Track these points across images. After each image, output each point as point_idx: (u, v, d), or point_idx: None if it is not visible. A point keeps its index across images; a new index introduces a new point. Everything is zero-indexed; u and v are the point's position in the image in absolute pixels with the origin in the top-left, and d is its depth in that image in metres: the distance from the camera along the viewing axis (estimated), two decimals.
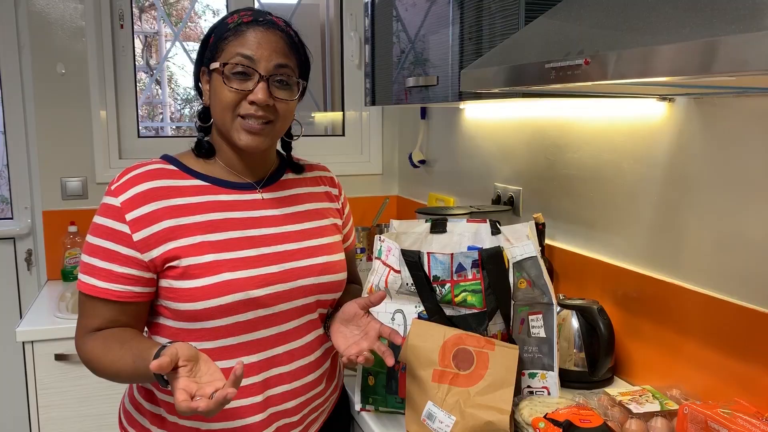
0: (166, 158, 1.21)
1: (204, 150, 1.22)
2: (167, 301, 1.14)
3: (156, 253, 1.11)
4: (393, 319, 1.34)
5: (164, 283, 1.13)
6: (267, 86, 1.14)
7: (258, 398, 1.17)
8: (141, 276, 1.12)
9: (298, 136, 1.32)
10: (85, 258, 1.13)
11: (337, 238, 1.32)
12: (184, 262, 1.11)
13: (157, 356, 1.00)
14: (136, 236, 1.11)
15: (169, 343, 1.03)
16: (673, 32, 0.76)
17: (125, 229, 1.11)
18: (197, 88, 1.26)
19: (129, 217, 1.11)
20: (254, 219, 1.20)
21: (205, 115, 1.24)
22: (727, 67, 0.66)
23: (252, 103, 1.13)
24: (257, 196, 1.23)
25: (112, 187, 1.14)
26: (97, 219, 1.14)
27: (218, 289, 1.11)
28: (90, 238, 1.14)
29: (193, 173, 1.20)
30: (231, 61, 1.13)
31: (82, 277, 1.14)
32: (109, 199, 1.13)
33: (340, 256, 1.29)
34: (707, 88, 1.11)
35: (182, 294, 1.12)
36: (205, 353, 1.13)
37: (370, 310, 1.24)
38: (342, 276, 1.28)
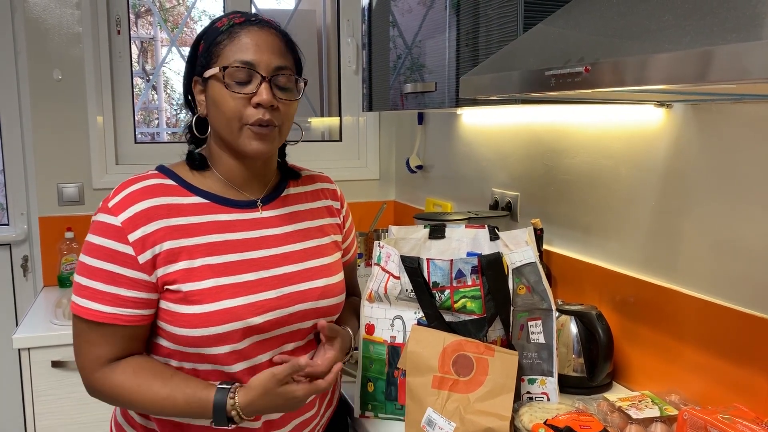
0: (162, 170, 1.16)
1: (196, 162, 1.18)
2: (163, 323, 1.10)
3: (160, 273, 1.08)
4: (392, 325, 1.34)
5: (162, 305, 1.10)
6: (270, 87, 1.10)
7: (257, 424, 1.15)
8: (149, 298, 1.08)
9: (297, 141, 1.28)
10: (84, 281, 1.07)
11: (337, 256, 1.29)
12: (184, 287, 1.08)
13: (221, 398, 1.05)
14: (141, 258, 1.06)
15: (228, 383, 1.08)
16: (673, 40, 0.77)
17: (129, 251, 1.06)
18: (187, 99, 1.20)
19: (132, 237, 1.06)
20: (254, 240, 1.16)
21: (200, 125, 1.19)
22: (726, 75, 0.66)
23: (257, 105, 1.09)
24: (257, 214, 1.19)
25: (110, 205, 1.08)
26: (95, 239, 1.07)
27: (217, 317, 1.08)
28: (88, 260, 1.07)
29: (192, 189, 1.15)
30: (231, 65, 1.09)
31: (81, 302, 1.07)
32: (106, 218, 1.07)
33: (339, 277, 1.27)
34: (705, 94, 1.12)
35: (180, 319, 1.08)
36: (204, 375, 1.12)
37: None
38: (340, 299, 1.26)
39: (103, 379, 1.09)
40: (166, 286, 1.09)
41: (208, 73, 1.12)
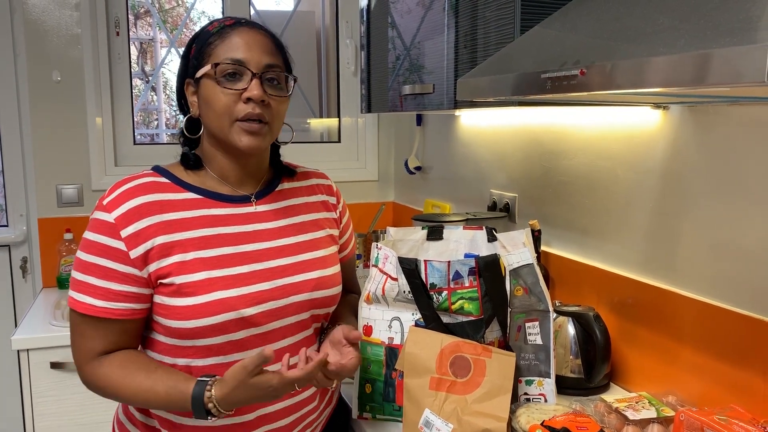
0: (158, 170, 1.19)
1: (191, 162, 1.20)
2: (159, 317, 1.13)
3: (152, 269, 1.10)
4: (390, 326, 1.34)
5: (157, 299, 1.12)
6: (260, 83, 1.13)
7: (250, 416, 1.16)
8: (140, 293, 1.11)
9: (287, 141, 1.30)
10: (79, 276, 1.11)
11: (333, 249, 1.30)
12: (177, 280, 1.10)
13: (199, 390, 1.06)
14: (133, 253, 1.09)
15: (208, 376, 1.07)
16: (668, 43, 0.77)
17: (121, 246, 1.09)
18: (180, 103, 1.23)
19: (124, 233, 1.09)
20: (248, 233, 1.18)
21: (192, 127, 1.21)
22: (720, 79, 0.67)
23: (248, 100, 1.12)
24: (251, 208, 1.21)
25: (104, 202, 1.11)
26: (90, 235, 1.11)
27: (210, 308, 1.10)
28: (83, 255, 1.11)
29: (185, 185, 1.18)
30: (222, 62, 1.12)
31: (76, 296, 1.10)
32: (101, 215, 1.11)
33: (335, 269, 1.28)
34: (701, 97, 1.12)
35: (174, 311, 1.10)
36: (197, 371, 1.14)
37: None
38: (336, 290, 1.27)
39: (92, 371, 1.13)
40: (159, 281, 1.11)
41: (200, 72, 1.15)
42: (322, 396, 1.29)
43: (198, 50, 1.16)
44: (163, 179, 1.17)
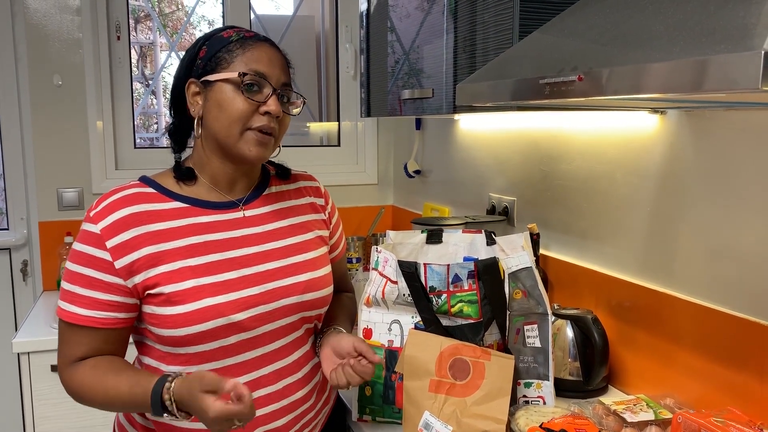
0: (144, 180, 1.19)
1: (183, 175, 1.20)
2: (151, 326, 1.13)
3: (138, 279, 1.11)
4: (390, 329, 1.35)
5: (147, 309, 1.13)
6: (277, 99, 1.16)
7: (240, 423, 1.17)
8: (125, 302, 1.12)
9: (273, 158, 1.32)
10: (66, 285, 1.12)
11: (323, 250, 1.31)
12: (166, 289, 1.11)
13: (160, 383, 1.04)
14: (118, 263, 1.10)
15: (175, 372, 1.06)
16: (664, 50, 0.78)
17: (106, 256, 1.10)
18: (175, 101, 1.22)
19: (110, 244, 1.10)
20: (235, 239, 1.19)
21: (183, 128, 1.23)
22: (715, 85, 0.68)
23: (266, 113, 1.14)
24: (239, 214, 1.22)
25: (91, 214, 1.13)
26: (77, 246, 1.13)
27: (199, 315, 1.11)
28: (70, 265, 1.13)
29: (172, 195, 1.18)
30: (249, 72, 1.13)
31: (62, 304, 1.12)
32: (88, 226, 1.12)
33: (326, 271, 1.28)
34: (698, 102, 1.13)
35: (164, 320, 1.11)
36: None
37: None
38: (327, 292, 1.27)
39: (69, 375, 1.14)
40: (148, 291, 1.12)
41: (218, 76, 1.15)
42: (319, 395, 1.30)
43: (212, 54, 1.17)
44: (150, 189, 1.18)
